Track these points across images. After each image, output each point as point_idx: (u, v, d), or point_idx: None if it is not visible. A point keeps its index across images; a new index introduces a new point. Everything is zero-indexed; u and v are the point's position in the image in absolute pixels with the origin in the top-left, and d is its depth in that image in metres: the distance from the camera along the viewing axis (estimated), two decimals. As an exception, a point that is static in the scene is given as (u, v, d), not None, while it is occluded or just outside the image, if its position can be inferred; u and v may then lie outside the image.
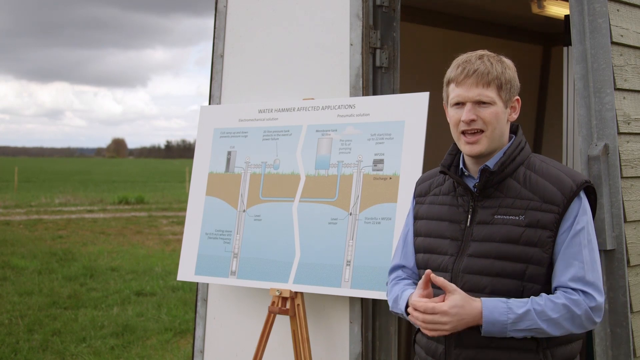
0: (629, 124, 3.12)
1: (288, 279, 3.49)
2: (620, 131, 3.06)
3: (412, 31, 5.33)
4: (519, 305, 2.05)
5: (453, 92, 2.19)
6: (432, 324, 2.06)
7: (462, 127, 2.16)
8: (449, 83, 2.22)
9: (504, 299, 2.07)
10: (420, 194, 2.41)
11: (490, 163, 2.19)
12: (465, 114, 2.14)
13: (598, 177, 2.99)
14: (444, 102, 2.27)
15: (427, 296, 2.15)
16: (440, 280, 2.06)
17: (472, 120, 2.14)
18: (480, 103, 2.14)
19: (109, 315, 7.79)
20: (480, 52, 2.20)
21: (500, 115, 2.15)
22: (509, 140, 2.25)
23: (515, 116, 2.23)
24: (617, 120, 3.04)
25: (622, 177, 3.05)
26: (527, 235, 2.11)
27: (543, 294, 2.10)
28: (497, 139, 2.18)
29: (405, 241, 2.44)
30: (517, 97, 2.22)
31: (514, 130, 2.28)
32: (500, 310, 2.04)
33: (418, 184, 2.45)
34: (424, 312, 2.06)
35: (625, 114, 3.10)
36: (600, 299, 2.12)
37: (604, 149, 3.01)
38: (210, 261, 3.75)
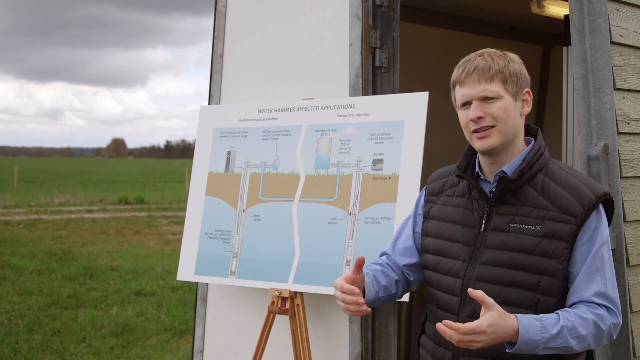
0: (628, 123, 3.12)
1: (288, 279, 3.48)
2: (620, 131, 3.06)
3: (412, 31, 5.33)
4: (552, 323, 1.97)
5: (458, 93, 2.13)
6: (468, 342, 1.94)
7: (472, 126, 2.10)
8: (454, 86, 2.16)
9: (536, 316, 1.99)
10: (432, 193, 2.34)
11: (508, 169, 2.12)
12: (472, 111, 2.08)
13: (598, 177, 2.99)
14: (454, 106, 2.20)
15: (354, 281, 2.10)
16: (479, 294, 1.93)
17: (480, 118, 2.07)
18: (486, 99, 2.07)
19: (109, 315, 7.79)
20: (482, 50, 2.16)
21: (510, 108, 2.09)
22: (527, 143, 2.19)
23: (528, 109, 2.16)
24: (616, 120, 3.04)
25: (621, 177, 3.05)
26: (543, 245, 2.05)
27: (569, 309, 2.04)
28: (510, 133, 2.10)
29: (400, 233, 2.40)
30: (528, 89, 2.15)
31: (533, 132, 2.22)
32: (535, 330, 1.95)
33: (430, 181, 2.38)
34: (465, 334, 1.92)
35: (624, 114, 3.10)
36: (621, 316, 2.09)
37: (603, 149, 3.01)
38: (210, 261, 3.75)
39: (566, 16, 4.28)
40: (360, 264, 2.09)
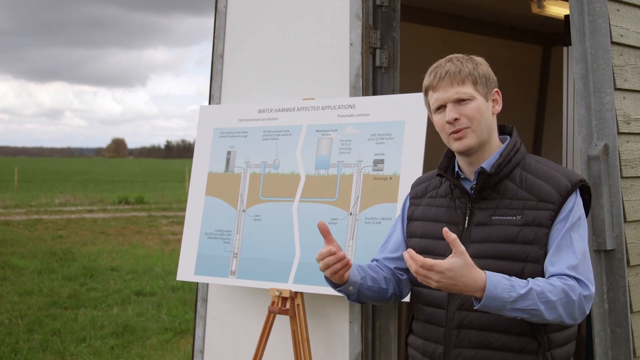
0: (628, 124, 3.12)
1: (288, 279, 3.49)
2: (620, 131, 3.06)
3: (412, 31, 5.33)
4: (521, 285, 2.02)
5: (432, 98, 2.21)
6: (423, 276, 1.98)
7: (449, 129, 2.17)
8: (426, 92, 2.24)
9: (506, 276, 2.03)
10: (415, 196, 2.42)
11: (486, 165, 2.19)
12: (448, 113, 2.16)
13: (598, 177, 2.99)
14: (428, 112, 2.29)
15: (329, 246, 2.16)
16: (452, 237, 1.97)
17: (456, 119, 2.15)
18: (460, 101, 2.15)
19: (109, 315, 7.79)
20: (450, 56, 2.23)
21: (483, 109, 2.16)
22: (503, 141, 2.26)
23: (498, 108, 2.23)
24: (617, 120, 3.04)
25: (622, 177, 3.05)
26: (524, 233, 2.12)
27: (540, 277, 2.09)
28: (485, 133, 2.18)
29: (388, 238, 2.45)
30: (497, 89, 2.23)
31: (509, 131, 2.29)
32: (503, 287, 1.99)
33: (414, 186, 2.46)
34: (422, 267, 1.97)
35: (625, 114, 3.10)
36: (592, 289, 2.11)
37: (604, 149, 3.01)
38: (210, 261, 3.75)
39: (566, 16, 4.28)
40: (323, 228, 2.20)
